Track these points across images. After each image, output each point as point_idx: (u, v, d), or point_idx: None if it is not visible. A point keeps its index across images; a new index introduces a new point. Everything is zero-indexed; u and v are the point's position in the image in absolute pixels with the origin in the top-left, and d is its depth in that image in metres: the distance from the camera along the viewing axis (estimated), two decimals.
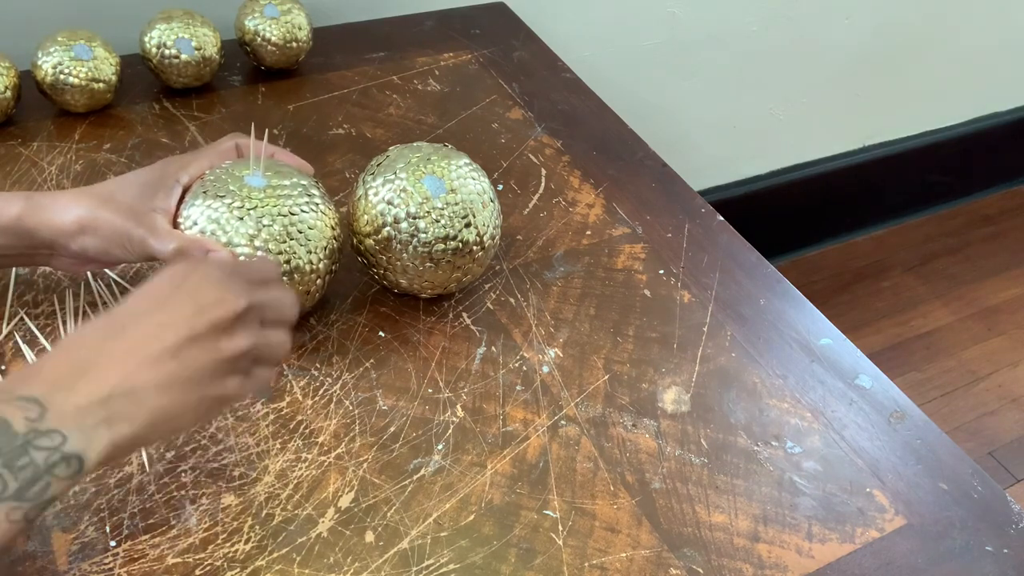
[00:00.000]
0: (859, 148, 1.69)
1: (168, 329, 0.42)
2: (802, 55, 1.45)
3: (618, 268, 0.73)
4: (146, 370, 0.41)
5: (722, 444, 0.60)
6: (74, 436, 0.38)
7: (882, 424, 0.63)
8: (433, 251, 0.61)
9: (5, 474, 0.36)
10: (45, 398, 0.38)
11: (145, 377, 0.41)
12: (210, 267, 0.46)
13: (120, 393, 0.40)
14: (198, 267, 0.46)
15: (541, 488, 0.56)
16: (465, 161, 0.63)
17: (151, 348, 0.41)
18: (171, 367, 0.42)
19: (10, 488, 0.36)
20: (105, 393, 0.39)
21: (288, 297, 0.50)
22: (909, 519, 0.56)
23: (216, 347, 0.44)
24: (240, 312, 0.45)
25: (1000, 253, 1.83)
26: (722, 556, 0.53)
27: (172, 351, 0.42)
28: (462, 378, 0.62)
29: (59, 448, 0.38)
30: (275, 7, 0.87)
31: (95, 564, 0.49)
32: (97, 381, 0.39)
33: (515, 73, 0.97)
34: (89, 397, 0.39)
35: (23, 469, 0.36)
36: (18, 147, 0.78)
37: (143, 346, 0.41)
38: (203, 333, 0.43)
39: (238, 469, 0.55)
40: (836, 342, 0.68)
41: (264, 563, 0.50)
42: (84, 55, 0.79)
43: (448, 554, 0.51)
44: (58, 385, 0.39)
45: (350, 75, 0.93)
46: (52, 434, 0.37)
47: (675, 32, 1.29)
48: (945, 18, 1.56)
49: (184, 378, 0.42)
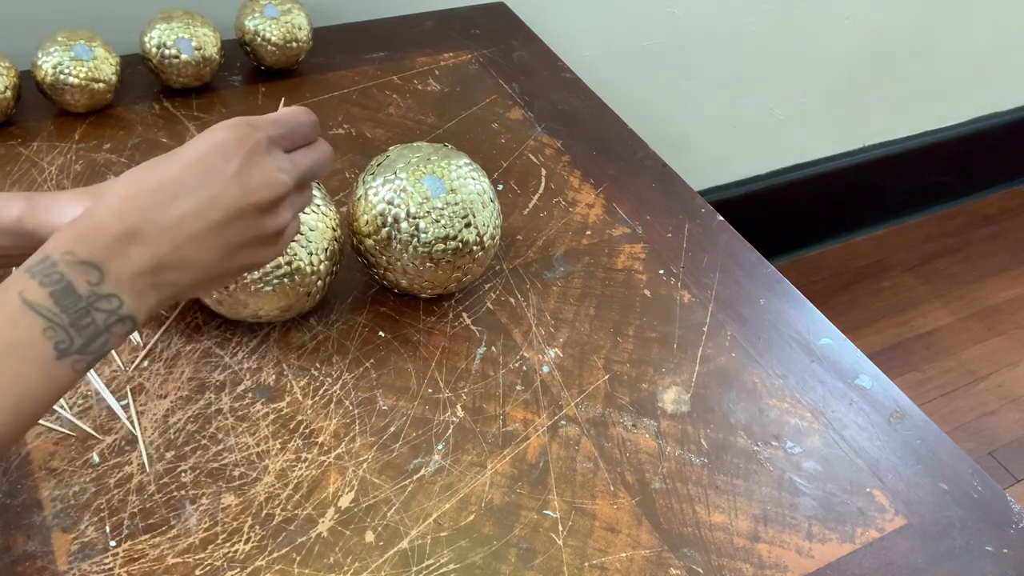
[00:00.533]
0: (859, 148, 1.69)
1: (216, 207, 0.43)
2: (802, 55, 1.45)
3: (618, 268, 0.73)
4: (193, 245, 0.43)
5: (722, 444, 0.60)
6: (128, 300, 0.41)
7: (882, 424, 0.63)
8: (433, 251, 0.61)
9: (72, 332, 0.39)
10: (103, 264, 0.41)
11: (191, 252, 0.43)
12: (259, 136, 0.46)
13: (168, 265, 0.42)
14: (247, 138, 0.45)
15: (541, 488, 0.56)
16: (465, 161, 0.63)
17: (198, 224, 0.43)
18: (216, 243, 0.44)
19: (75, 344, 0.40)
20: (155, 263, 0.42)
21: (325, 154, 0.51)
22: (909, 519, 0.57)
23: (261, 224, 0.45)
24: (286, 192, 0.46)
25: (1000, 253, 1.83)
26: (722, 556, 0.53)
27: (218, 229, 0.44)
28: (462, 378, 0.62)
29: (116, 311, 0.41)
30: (275, 7, 0.87)
31: (95, 564, 0.49)
32: (148, 251, 0.42)
33: (515, 73, 0.97)
34: (141, 265, 0.42)
35: (87, 328, 0.40)
36: (18, 147, 0.78)
37: (191, 221, 0.43)
38: (249, 213, 0.45)
39: (238, 469, 0.55)
40: (836, 342, 0.68)
41: (264, 563, 0.50)
42: (84, 55, 0.79)
43: (448, 554, 0.52)
44: (114, 251, 0.41)
45: (350, 75, 0.93)
46: (111, 298, 0.41)
47: (675, 32, 1.29)
48: (945, 18, 1.56)
49: (228, 252, 0.45)
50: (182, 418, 0.57)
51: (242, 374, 0.60)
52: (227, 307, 0.60)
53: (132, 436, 0.56)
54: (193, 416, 0.58)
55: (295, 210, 0.48)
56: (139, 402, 0.58)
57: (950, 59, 1.64)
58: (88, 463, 0.54)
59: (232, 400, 0.59)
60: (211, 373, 0.60)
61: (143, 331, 0.62)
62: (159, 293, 0.43)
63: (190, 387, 0.59)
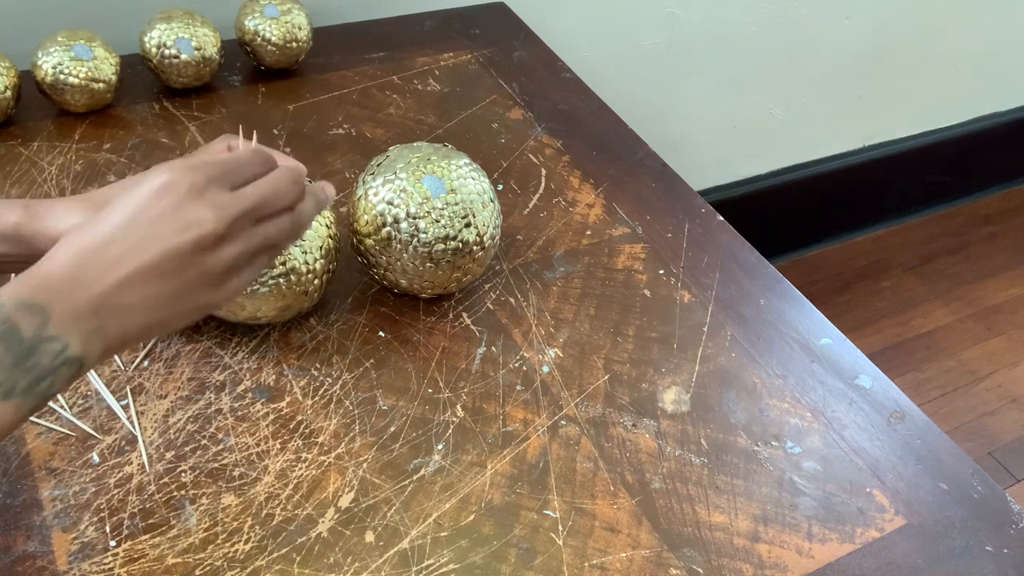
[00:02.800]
0: (859, 148, 1.69)
1: (152, 247, 0.43)
2: (802, 55, 1.45)
3: (618, 268, 0.73)
4: (132, 287, 0.43)
5: (722, 444, 0.60)
6: (74, 343, 0.41)
7: (882, 424, 0.63)
8: (433, 251, 0.61)
9: (16, 373, 0.40)
10: (47, 306, 0.41)
11: (132, 294, 0.43)
12: (196, 177, 0.45)
13: (109, 307, 0.42)
14: (183, 178, 0.45)
15: (541, 488, 0.56)
16: (465, 161, 0.63)
17: (135, 265, 0.43)
18: (157, 285, 0.44)
19: (19, 385, 0.40)
20: (96, 305, 0.42)
21: (283, 181, 0.49)
22: (909, 519, 0.57)
23: (202, 263, 0.45)
24: (227, 227, 0.45)
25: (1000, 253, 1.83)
26: (722, 556, 0.53)
27: (155, 269, 0.43)
28: (462, 378, 0.62)
29: (62, 353, 0.41)
30: (275, 7, 0.87)
31: (95, 564, 0.49)
32: (88, 293, 0.42)
33: (515, 73, 0.97)
34: (83, 308, 0.42)
35: (31, 370, 0.40)
36: (18, 147, 0.78)
37: (128, 262, 0.43)
38: (185, 251, 0.44)
39: (238, 469, 0.55)
40: (836, 342, 0.68)
41: (264, 563, 0.50)
42: (84, 55, 0.79)
43: (448, 554, 0.52)
44: (57, 293, 0.41)
45: (350, 75, 0.93)
46: (55, 340, 0.41)
47: (675, 32, 1.29)
48: (945, 18, 1.56)
49: (171, 293, 0.44)
50: (182, 418, 0.57)
51: (242, 374, 0.60)
52: (225, 310, 0.60)
53: (132, 436, 0.56)
54: (193, 416, 0.58)
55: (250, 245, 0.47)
56: (139, 402, 0.58)
57: (950, 59, 1.64)
58: (88, 463, 0.54)
59: (232, 400, 0.59)
60: (211, 373, 0.60)
61: None
62: (106, 336, 0.43)
63: (190, 387, 0.59)
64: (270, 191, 0.49)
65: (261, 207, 0.48)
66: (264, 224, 0.49)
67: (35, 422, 0.56)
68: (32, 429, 0.56)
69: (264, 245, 0.49)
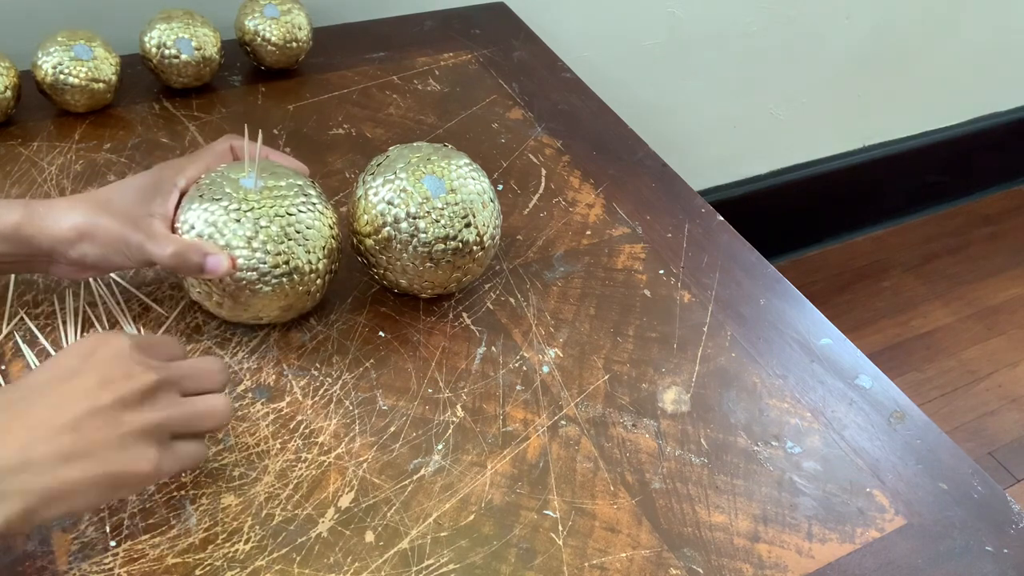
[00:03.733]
0: (859, 148, 1.69)
1: (69, 401, 0.42)
2: (802, 55, 1.45)
3: (618, 268, 0.73)
4: (42, 443, 0.41)
5: (722, 444, 0.60)
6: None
7: (882, 424, 0.63)
8: (433, 251, 0.61)
9: None
10: None
11: (41, 450, 0.41)
12: (121, 341, 0.46)
13: (15, 466, 0.40)
14: (109, 341, 0.46)
15: (541, 488, 0.56)
16: (465, 161, 0.63)
17: (50, 421, 0.41)
18: (69, 440, 0.41)
19: None
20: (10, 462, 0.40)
21: (209, 366, 0.50)
22: (909, 519, 0.57)
23: (120, 420, 0.43)
24: (148, 386, 0.45)
25: (1000, 253, 1.83)
26: (722, 556, 0.53)
27: (72, 424, 0.42)
28: (462, 378, 0.62)
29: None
30: (275, 7, 0.87)
31: (95, 564, 0.49)
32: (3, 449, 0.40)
33: (515, 73, 0.97)
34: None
35: None
36: (18, 147, 0.78)
37: (42, 419, 0.41)
38: (106, 406, 0.43)
39: (238, 469, 0.55)
40: (836, 342, 0.68)
41: (264, 563, 0.50)
42: (84, 55, 0.79)
43: (448, 554, 0.52)
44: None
45: (350, 75, 0.93)
46: None
47: (675, 32, 1.29)
48: (945, 18, 1.56)
49: (82, 450, 0.42)
50: None
51: (242, 374, 0.60)
52: (227, 310, 0.60)
53: None
54: None
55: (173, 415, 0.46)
56: None
57: (950, 59, 1.64)
58: None
59: (232, 400, 0.59)
60: None
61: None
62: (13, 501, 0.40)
63: None
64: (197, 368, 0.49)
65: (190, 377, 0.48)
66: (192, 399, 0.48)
67: None
68: None
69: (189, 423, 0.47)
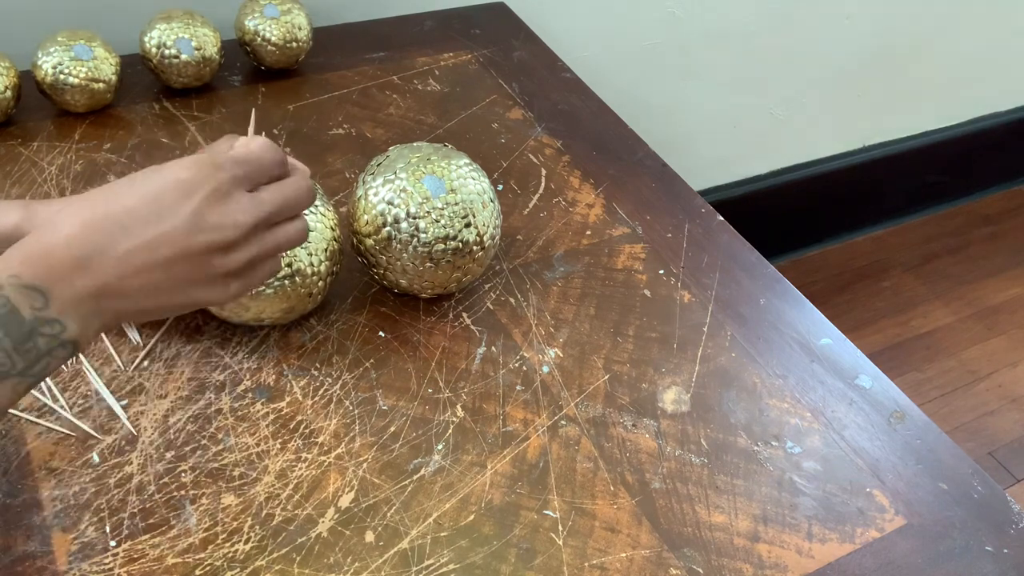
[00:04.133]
0: (859, 148, 1.69)
1: (164, 244, 0.44)
2: (802, 55, 1.45)
3: (618, 268, 0.73)
4: (138, 277, 0.43)
5: (722, 444, 0.60)
6: (71, 325, 0.42)
7: (882, 424, 0.63)
8: (433, 251, 0.61)
9: (14, 355, 0.40)
10: (48, 289, 0.41)
11: (136, 283, 0.43)
12: (220, 178, 0.45)
13: (112, 293, 0.43)
14: (208, 178, 0.45)
15: (541, 488, 0.56)
16: (465, 161, 0.63)
17: (145, 258, 0.43)
18: (161, 277, 0.44)
19: (17, 366, 0.41)
20: (99, 291, 0.43)
21: (300, 188, 0.50)
22: (909, 519, 0.57)
23: (210, 263, 0.45)
24: (242, 233, 0.46)
25: (1000, 253, 1.83)
26: (722, 556, 0.53)
27: (165, 265, 0.44)
28: (462, 378, 0.62)
29: (59, 336, 0.42)
30: (275, 7, 0.87)
31: (95, 564, 0.49)
32: (93, 279, 0.42)
33: (515, 73, 0.97)
34: (85, 291, 0.42)
35: (29, 352, 0.41)
36: (18, 147, 0.78)
37: (138, 254, 0.43)
38: (197, 253, 0.45)
39: (238, 469, 0.55)
40: (836, 342, 0.68)
41: (264, 563, 0.50)
42: (84, 55, 0.79)
43: (448, 554, 0.52)
44: (60, 277, 0.41)
45: (350, 75, 0.93)
46: (53, 323, 0.41)
47: (675, 32, 1.29)
48: (945, 18, 1.56)
49: (170, 286, 0.45)
50: (182, 418, 0.57)
51: (242, 374, 0.60)
52: (229, 311, 0.60)
53: (132, 436, 0.56)
54: (193, 416, 0.58)
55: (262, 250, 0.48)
56: (139, 402, 0.58)
57: (950, 59, 1.64)
58: (88, 463, 0.54)
59: (232, 400, 0.59)
60: (211, 373, 0.60)
61: (143, 331, 0.62)
62: (102, 319, 0.44)
63: (190, 387, 0.59)
64: (288, 200, 0.49)
65: (278, 214, 0.48)
66: (275, 230, 0.49)
67: (35, 422, 0.56)
68: (32, 429, 0.56)
69: (273, 251, 0.49)
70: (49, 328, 0.41)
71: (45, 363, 0.42)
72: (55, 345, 0.42)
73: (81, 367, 0.60)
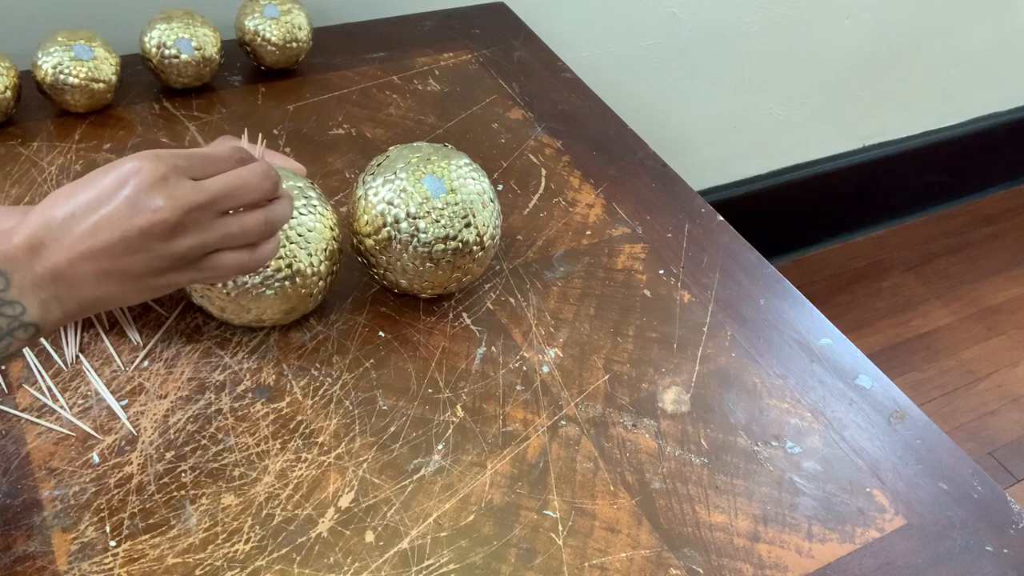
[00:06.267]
0: (859, 148, 1.69)
1: (103, 230, 0.45)
2: (802, 55, 1.45)
3: (618, 268, 0.73)
4: (83, 263, 0.45)
5: (722, 444, 0.60)
6: (31, 307, 0.44)
7: (882, 424, 0.63)
8: (433, 251, 0.61)
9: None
10: (9, 272, 0.44)
11: (83, 269, 0.45)
12: (160, 165, 0.46)
13: (64, 277, 0.45)
14: (147, 165, 0.46)
15: (541, 488, 0.56)
16: (465, 161, 0.63)
17: (89, 243, 0.45)
18: (105, 264, 0.46)
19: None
20: (54, 275, 0.45)
21: (252, 176, 0.50)
22: (909, 519, 0.57)
23: (151, 249, 0.46)
24: (177, 217, 0.46)
25: (1000, 253, 1.83)
26: (722, 556, 0.53)
27: (107, 250, 0.46)
28: (462, 378, 0.62)
29: (19, 317, 0.44)
30: (275, 7, 0.87)
31: (95, 564, 0.49)
32: (46, 263, 0.45)
33: (515, 73, 0.97)
34: (42, 276, 0.45)
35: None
36: (18, 147, 0.78)
37: (83, 240, 0.45)
38: (137, 236, 0.46)
39: (238, 469, 0.55)
40: (836, 342, 0.68)
41: (264, 563, 0.50)
42: (84, 55, 0.79)
43: (448, 554, 0.52)
44: (19, 261, 0.44)
45: (350, 75, 0.93)
46: (14, 304, 0.44)
47: (675, 32, 1.29)
48: (945, 18, 1.56)
49: (119, 273, 0.46)
50: (182, 418, 0.57)
51: (242, 374, 0.60)
52: (230, 313, 0.60)
53: (132, 436, 0.56)
54: (193, 416, 0.58)
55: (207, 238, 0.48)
56: (139, 402, 0.58)
57: (950, 59, 1.64)
58: (88, 463, 0.54)
59: (232, 400, 0.59)
60: (211, 373, 0.60)
61: (143, 331, 0.62)
62: (62, 304, 0.46)
63: (190, 387, 0.59)
64: (235, 185, 0.49)
65: (222, 200, 0.49)
66: (226, 219, 0.49)
67: (35, 422, 0.56)
68: (32, 429, 0.56)
69: (226, 239, 0.49)
70: (9, 309, 0.43)
71: (7, 343, 0.44)
72: (16, 326, 0.44)
73: (81, 367, 0.60)
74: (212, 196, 0.48)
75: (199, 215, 0.47)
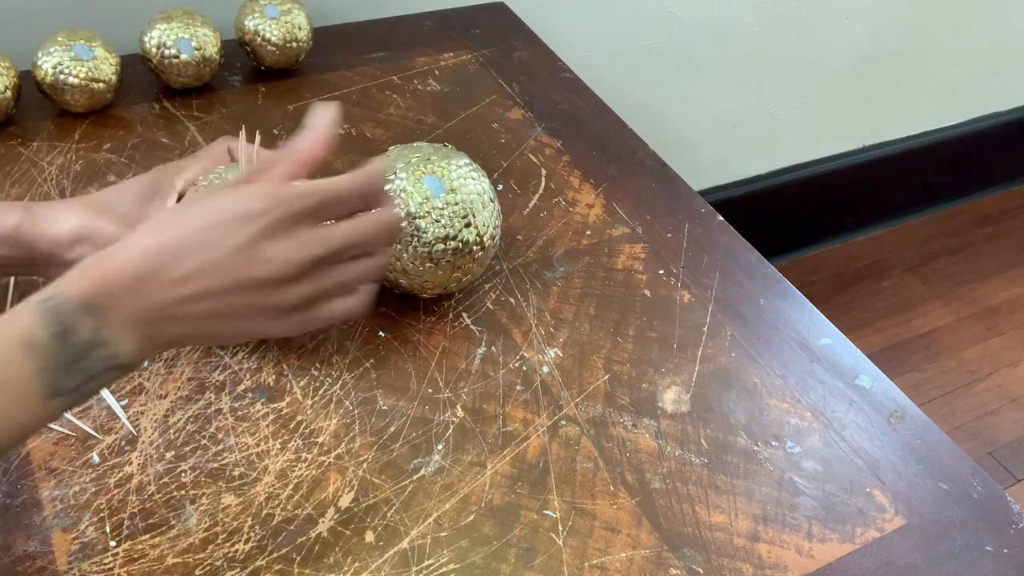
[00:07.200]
0: (859, 148, 1.69)
1: (216, 273, 0.43)
2: (802, 55, 1.45)
3: (618, 268, 0.73)
4: (188, 304, 0.43)
5: (722, 444, 0.60)
6: (124, 347, 0.42)
7: (882, 424, 0.63)
8: (433, 251, 0.61)
9: (65, 374, 0.40)
10: (106, 311, 0.41)
11: (187, 309, 0.43)
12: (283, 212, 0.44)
13: (166, 318, 0.43)
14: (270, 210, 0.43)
15: (541, 488, 0.56)
16: (465, 161, 0.63)
17: (196, 286, 0.43)
18: (212, 306, 0.43)
19: (66, 386, 0.41)
20: (155, 315, 0.42)
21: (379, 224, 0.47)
22: (909, 519, 0.57)
23: (263, 297, 0.44)
24: (298, 269, 0.44)
25: (1000, 253, 1.83)
26: (722, 556, 0.53)
27: (216, 294, 0.43)
28: (462, 378, 0.62)
29: (112, 358, 0.42)
30: (275, 7, 0.87)
31: (95, 564, 0.49)
32: (147, 301, 0.42)
33: (515, 73, 0.97)
34: (139, 315, 0.42)
35: (80, 372, 0.41)
36: (18, 147, 0.78)
37: (189, 281, 0.43)
38: (250, 286, 0.43)
39: (238, 469, 0.55)
40: (836, 342, 0.68)
41: (264, 563, 0.50)
42: (84, 55, 0.79)
43: (448, 554, 0.52)
44: (119, 300, 0.41)
45: (350, 75, 0.93)
46: (108, 345, 0.41)
47: (675, 32, 1.29)
48: (945, 18, 1.56)
49: (224, 316, 0.44)
50: (182, 418, 0.57)
51: (242, 374, 0.60)
52: None
53: (132, 436, 0.56)
54: (193, 416, 0.58)
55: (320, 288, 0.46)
56: (139, 402, 0.58)
57: (950, 59, 1.64)
58: (88, 463, 0.54)
59: (232, 400, 0.59)
60: (211, 373, 0.60)
61: None
62: (155, 342, 0.43)
63: (190, 387, 0.59)
64: (359, 236, 0.47)
65: (344, 252, 0.46)
66: (341, 267, 0.47)
67: None
68: None
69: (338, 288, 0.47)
70: (103, 350, 0.41)
71: (95, 383, 0.42)
72: (107, 367, 0.42)
73: None
74: (333, 249, 0.46)
75: (318, 267, 0.45)
